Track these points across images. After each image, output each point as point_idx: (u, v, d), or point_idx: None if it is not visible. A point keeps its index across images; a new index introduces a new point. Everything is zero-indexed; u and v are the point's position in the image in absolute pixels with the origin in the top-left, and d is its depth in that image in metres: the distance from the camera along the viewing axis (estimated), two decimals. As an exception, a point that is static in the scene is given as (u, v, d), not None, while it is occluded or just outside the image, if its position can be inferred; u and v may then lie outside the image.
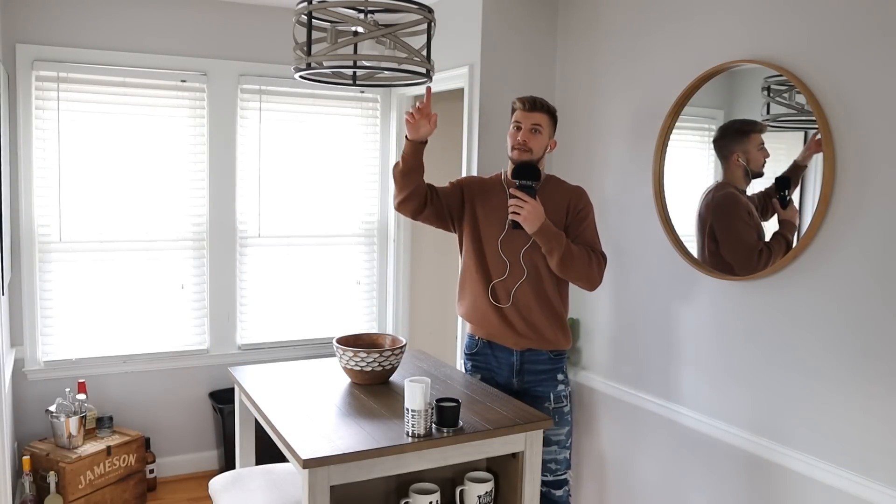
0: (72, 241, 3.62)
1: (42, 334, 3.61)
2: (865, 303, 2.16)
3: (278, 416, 2.23)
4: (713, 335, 2.68)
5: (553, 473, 2.68)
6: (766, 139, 2.46)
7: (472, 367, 2.75)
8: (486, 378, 2.71)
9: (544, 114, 2.58)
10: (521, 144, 2.56)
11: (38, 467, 3.28)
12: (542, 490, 2.69)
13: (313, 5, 2.19)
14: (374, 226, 4.34)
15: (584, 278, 2.52)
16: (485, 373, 2.72)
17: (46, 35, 3.45)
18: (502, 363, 2.68)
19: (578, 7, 3.32)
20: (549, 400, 2.65)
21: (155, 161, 3.75)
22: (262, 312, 4.09)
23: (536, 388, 2.66)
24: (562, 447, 2.67)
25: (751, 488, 2.55)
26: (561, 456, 2.67)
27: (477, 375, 2.74)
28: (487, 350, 2.70)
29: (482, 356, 2.73)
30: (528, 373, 2.65)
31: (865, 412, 2.17)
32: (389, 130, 4.28)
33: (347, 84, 2.59)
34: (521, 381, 2.66)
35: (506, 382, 2.68)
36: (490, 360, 2.71)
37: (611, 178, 3.15)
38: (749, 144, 2.55)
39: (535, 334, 2.62)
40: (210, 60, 3.79)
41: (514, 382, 2.67)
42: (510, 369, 2.66)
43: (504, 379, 2.68)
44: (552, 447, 2.66)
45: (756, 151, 2.54)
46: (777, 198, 2.46)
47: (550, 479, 2.69)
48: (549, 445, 2.65)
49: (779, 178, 2.48)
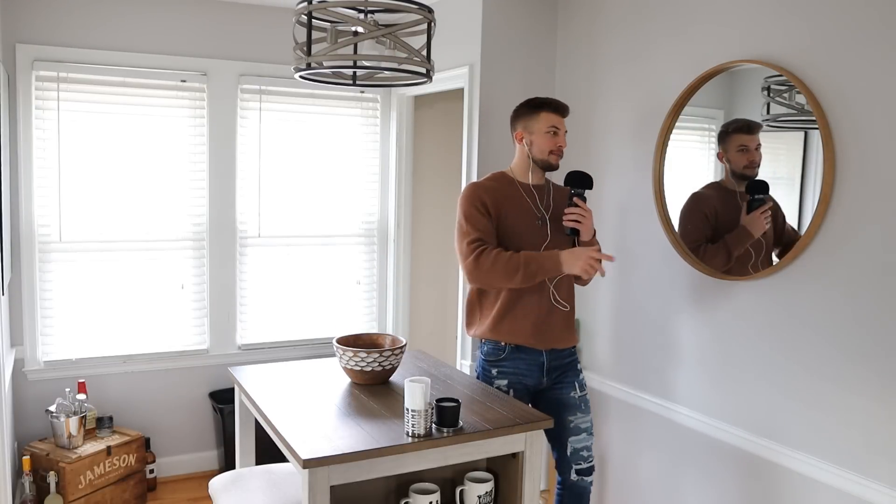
0: (72, 241, 3.62)
1: (42, 334, 3.61)
2: (865, 303, 2.16)
3: (278, 416, 2.23)
4: (713, 335, 2.68)
5: (586, 461, 2.67)
6: (766, 139, 2.46)
7: (499, 374, 2.62)
8: (514, 382, 2.62)
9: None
10: (560, 150, 2.58)
11: (38, 467, 3.28)
12: (575, 479, 2.66)
13: (313, 5, 2.19)
14: (374, 226, 4.34)
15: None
16: (512, 377, 2.61)
17: (46, 35, 3.45)
18: (532, 365, 2.62)
19: (578, 7, 3.32)
20: (576, 389, 2.67)
21: (155, 161, 3.75)
22: (262, 312, 4.09)
23: (564, 381, 2.67)
24: (589, 434, 2.68)
25: (751, 488, 2.55)
26: (590, 442, 2.69)
27: (503, 381, 2.62)
28: (515, 354, 2.61)
29: (510, 361, 2.61)
30: (555, 369, 2.65)
31: (865, 412, 2.17)
32: (389, 130, 4.28)
33: (347, 84, 2.59)
34: (550, 378, 2.66)
35: (535, 384, 2.65)
36: (519, 364, 2.61)
37: (611, 178, 3.15)
38: (729, 144, 2.58)
39: (571, 332, 2.69)
40: (210, 60, 3.79)
41: (544, 381, 2.65)
42: (540, 369, 2.62)
43: (534, 380, 2.64)
44: (582, 435, 2.66)
45: (735, 152, 2.57)
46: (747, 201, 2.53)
47: (584, 467, 2.66)
48: (578, 434, 2.66)
49: (751, 181, 2.52)
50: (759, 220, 2.50)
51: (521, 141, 2.61)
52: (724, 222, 2.62)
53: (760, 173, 2.48)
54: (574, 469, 2.65)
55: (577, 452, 2.65)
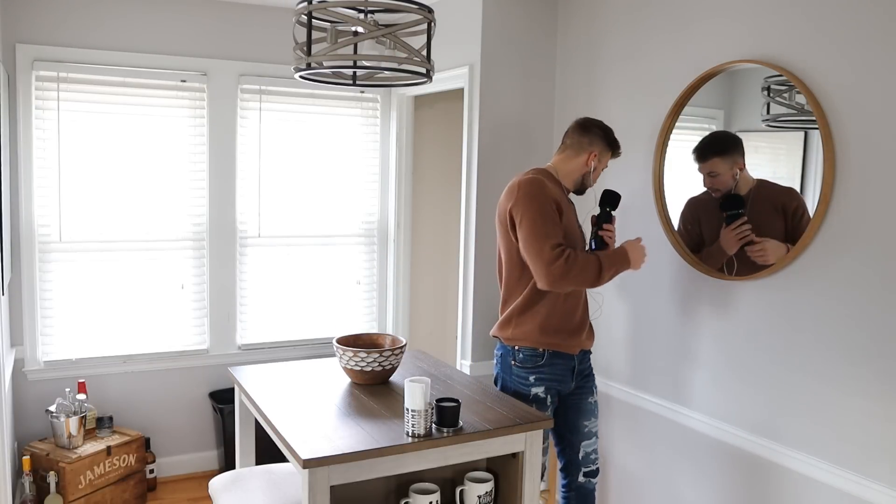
0: (72, 241, 3.62)
1: (42, 334, 3.61)
2: (865, 303, 2.16)
3: (278, 416, 2.23)
4: (713, 335, 2.68)
5: (594, 463, 2.71)
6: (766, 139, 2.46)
7: (537, 381, 2.56)
8: (550, 388, 2.58)
9: None
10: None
11: (38, 467, 3.28)
12: (582, 481, 2.70)
13: (313, 5, 2.19)
14: (374, 226, 4.34)
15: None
16: (549, 384, 2.57)
17: (46, 35, 3.45)
18: (566, 370, 2.60)
19: (578, 7, 3.32)
20: (593, 394, 2.72)
21: (155, 161, 3.75)
22: (262, 312, 4.09)
23: (585, 385, 2.69)
24: (597, 437, 2.73)
25: (751, 488, 2.55)
26: (598, 445, 2.73)
27: (540, 388, 2.56)
28: (553, 360, 2.57)
29: (549, 367, 2.57)
30: (581, 373, 2.67)
31: (865, 412, 2.17)
32: (389, 130, 4.28)
33: (347, 84, 2.59)
34: (577, 383, 2.67)
35: (566, 389, 2.63)
36: (556, 371, 2.58)
37: (611, 178, 3.15)
38: (699, 165, 2.67)
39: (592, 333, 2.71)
40: (210, 60, 3.79)
41: (572, 386, 2.65)
42: (571, 373, 2.62)
43: (567, 385, 2.62)
44: (593, 439, 2.70)
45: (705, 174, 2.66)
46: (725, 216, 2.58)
47: (592, 469, 2.71)
48: (590, 438, 2.69)
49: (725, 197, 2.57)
50: (730, 236, 2.54)
51: (588, 161, 2.57)
52: (706, 230, 2.67)
53: (760, 174, 2.48)
54: (583, 472, 2.69)
55: (588, 456, 2.69)
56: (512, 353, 2.58)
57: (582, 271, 2.38)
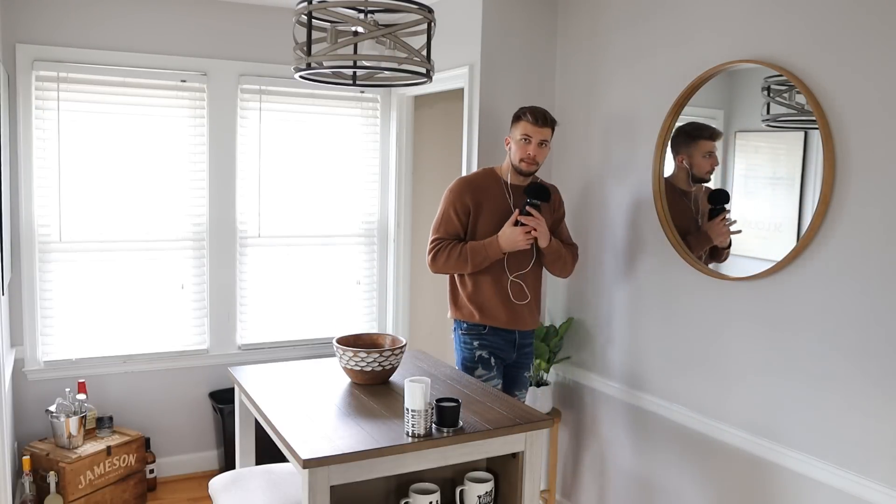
0: (72, 241, 3.62)
1: (42, 334, 3.60)
2: (865, 303, 2.16)
3: (278, 416, 2.23)
4: (713, 335, 2.68)
5: None
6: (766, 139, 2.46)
7: (480, 345, 2.91)
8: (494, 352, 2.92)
9: (550, 128, 2.78)
10: (531, 158, 2.78)
11: (38, 467, 3.28)
12: None
13: (313, 5, 2.19)
14: (374, 226, 4.34)
15: (565, 272, 2.94)
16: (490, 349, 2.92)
17: (46, 35, 3.45)
18: (507, 341, 2.93)
19: (578, 7, 3.32)
20: (529, 370, 3.07)
21: (155, 161, 3.75)
22: (262, 312, 4.09)
23: (523, 361, 3.02)
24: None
25: (751, 488, 2.55)
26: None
27: (484, 351, 2.91)
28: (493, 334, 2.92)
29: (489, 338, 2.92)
30: (521, 346, 2.97)
31: (865, 412, 2.17)
32: (389, 130, 4.28)
33: (347, 84, 2.59)
34: (518, 354, 2.98)
35: (507, 357, 2.96)
36: (496, 340, 2.92)
37: (611, 178, 3.15)
38: (694, 149, 2.70)
39: (535, 316, 2.98)
40: (210, 60, 3.79)
41: (513, 356, 2.97)
42: (512, 346, 2.94)
43: (507, 354, 2.95)
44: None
45: (700, 158, 2.70)
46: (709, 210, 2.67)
47: None
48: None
49: (715, 190, 2.63)
50: (719, 227, 2.64)
51: (506, 145, 2.85)
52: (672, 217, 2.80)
53: (761, 174, 2.48)
54: None
55: None
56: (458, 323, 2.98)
57: (448, 259, 2.80)
